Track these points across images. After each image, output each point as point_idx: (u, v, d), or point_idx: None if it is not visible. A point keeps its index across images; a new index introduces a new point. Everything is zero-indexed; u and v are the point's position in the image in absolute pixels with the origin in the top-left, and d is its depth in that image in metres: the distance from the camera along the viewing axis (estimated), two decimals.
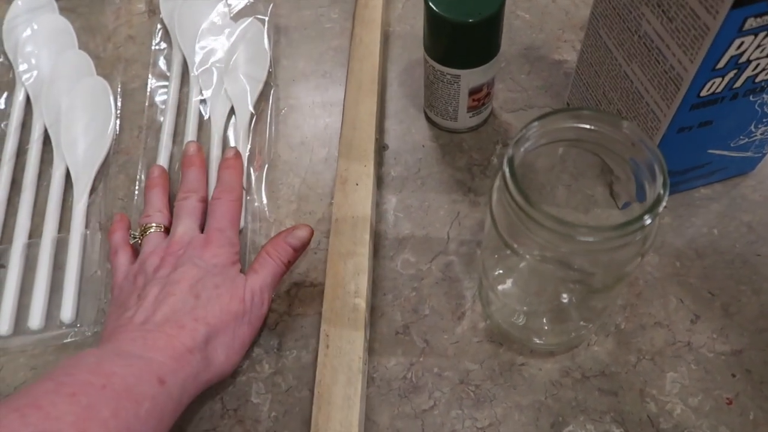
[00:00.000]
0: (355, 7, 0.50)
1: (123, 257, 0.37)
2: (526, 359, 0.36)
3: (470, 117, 0.43)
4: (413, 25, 0.51)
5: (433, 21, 0.37)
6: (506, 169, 0.27)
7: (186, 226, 0.37)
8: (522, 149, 0.28)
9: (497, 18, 0.37)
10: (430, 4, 0.37)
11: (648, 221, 0.25)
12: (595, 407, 0.34)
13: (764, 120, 0.35)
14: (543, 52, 0.49)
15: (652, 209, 0.25)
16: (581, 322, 0.34)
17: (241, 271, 0.36)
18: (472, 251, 0.40)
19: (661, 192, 0.25)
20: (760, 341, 0.36)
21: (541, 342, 0.35)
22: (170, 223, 0.39)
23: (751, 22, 0.27)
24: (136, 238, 0.38)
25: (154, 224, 0.38)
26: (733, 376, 0.35)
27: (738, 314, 0.36)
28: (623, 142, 0.28)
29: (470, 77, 0.40)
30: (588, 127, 0.28)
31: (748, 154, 0.39)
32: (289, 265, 0.37)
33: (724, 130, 0.35)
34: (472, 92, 0.41)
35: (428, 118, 0.46)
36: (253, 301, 0.35)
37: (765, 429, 0.33)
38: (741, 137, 0.37)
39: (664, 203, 0.25)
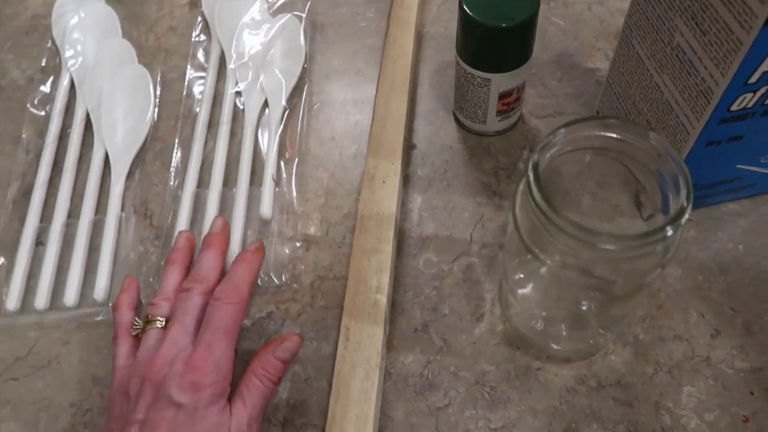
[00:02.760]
0: (390, 7, 0.51)
1: (122, 348, 0.34)
2: (543, 364, 0.36)
3: (499, 121, 0.43)
4: (447, 27, 0.52)
5: (466, 24, 0.38)
6: (531, 174, 0.27)
7: (176, 332, 0.33)
8: (548, 155, 0.28)
9: (531, 23, 0.37)
10: (465, 7, 0.37)
11: (670, 233, 0.25)
12: (609, 416, 0.34)
13: None
14: (576, 59, 0.49)
15: (674, 221, 0.25)
16: (600, 330, 0.34)
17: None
18: (494, 254, 0.40)
19: (685, 204, 0.25)
20: None
21: (559, 348, 0.36)
22: None
23: None
24: (138, 327, 0.35)
25: (158, 319, 0.34)
26: (752, 393, 0.34)
27: (760, 332, 0.36)
28: (650, 153, 0.28)
29: (501, 81, 0.40)
30: (615, 136, 0.28)
31: None
32: (279, 381, 0.34)
33: (754, 145, 0.35)
34: (502, 96, 0.41)
35: (457, 120, 0.46)
36: None
37: None
38: None
39: (686, 215, 0.25)
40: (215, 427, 0.30)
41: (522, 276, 0.37)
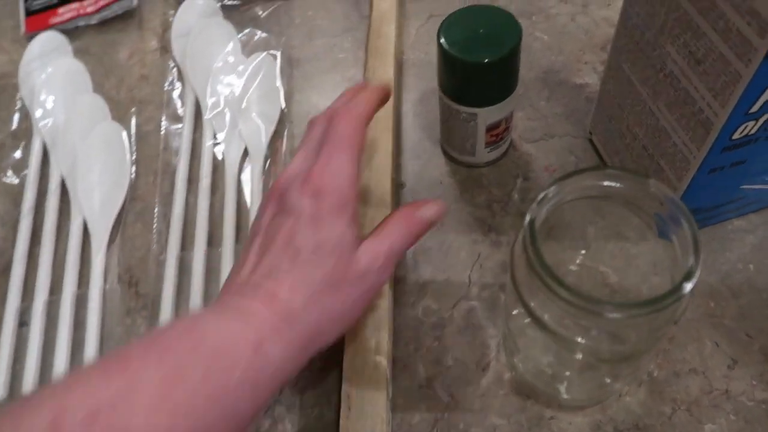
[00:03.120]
0: (368, 37, 0.49)
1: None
2: (555, 413, 0.34)
3: (489, 152, 0.42)
4: (427, 52, 0.50)
5: (447, 61, 0.36)
6: (527, 236, 0.25)
7: (302, 153, 0.32)
8: (544, 210, 0.27)
9: (514, 55, 0.36)
10: (444, 44, 0.35)
11: (683, 294, 0.23)
12: None
13: None
14: (563, 75, 0.47)
15: (676, 289, 0.23)
16: (609, 380, 0.32)
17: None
18: (494, 295, 0.38)
19: (693, 264, 0.23)
20: None
21: (568, 397, 0.34)
22: None
23: None
24: None
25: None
26: None
27: None
28: (650, 199, 0.26)
29: (487, 115, 0.38)
30: (613, 184, 0.27)
31: None
32: (417, 238, 0.31)
33: (758, 167, 0.33)
34: (490, 128, 0.40)
35: (445, 153, 0.44)
36: (368, 266, 0.29)
37: None
38: None
39: (696, 277, 0.23)
40: (338, 238, 0.29)
41: (520, 323, 0.35)
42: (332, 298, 0.28)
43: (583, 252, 0.34)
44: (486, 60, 0.35)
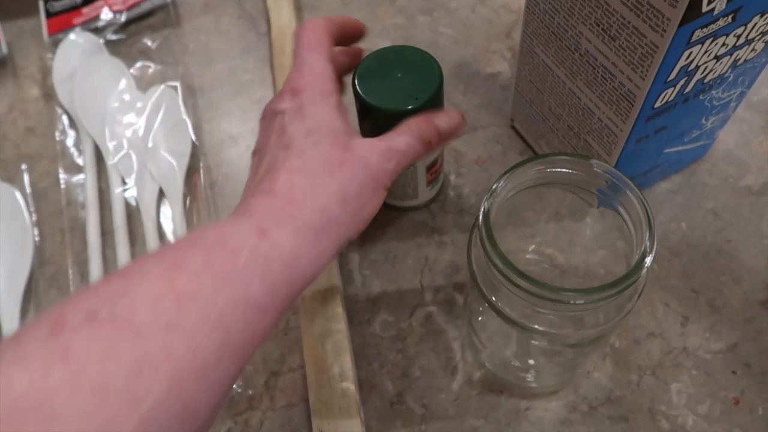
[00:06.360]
0: (271, 54, 0.47)
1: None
2: (530, 402, 0.34)
3: (429, 190, 0.40)
4: None
5: (367, 112, 0.33)
6: (484, 236, 0.25)
7: (291, 74, 0.31)
8: (495, 203, 0.26)
9: (438, 97, 0.33)
10: (362, 95, 0.32)
11: (645, 266, 0.23)
12: None
13: (713, 112, 0.35)
14: (474, 67, 0.47)
15: (638, 267, 0.23)
16: (577, 362, 0.32)
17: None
18: (449, 297, 0.38)
19: (649, 239, 0.24)
20: (751, 331, 0.35)
21: (539, 386, 0.34)
22: None
23: (698, 33, 0.26)
24: None
25: None
26: (734, 373, 0.34)
27: (725, 307, 0.36)
28: (595, 179, 0.27)
29: (425, 157, 0.35)
30: (556, 170, 0.27)
31: (701, 143, 0.39)
32: (429, 148, 0.30)
33: (678, 130, 0.35)
34: (429, 167, 0.38)
35: (385, 204, 0.40)
36: (367, 152, 0.27)
37: None
38: (694, 131, 0.36)
39: (652, 255, 0.23)
40: (328, 122, 0.28)
41: (483, 318, 0.35)
42: (335, 180, 0.26)
43: (531, 238, 0.34)
44: (410, 107, 0.32)
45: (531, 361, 0.34)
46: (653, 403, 0.34)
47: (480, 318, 0.34)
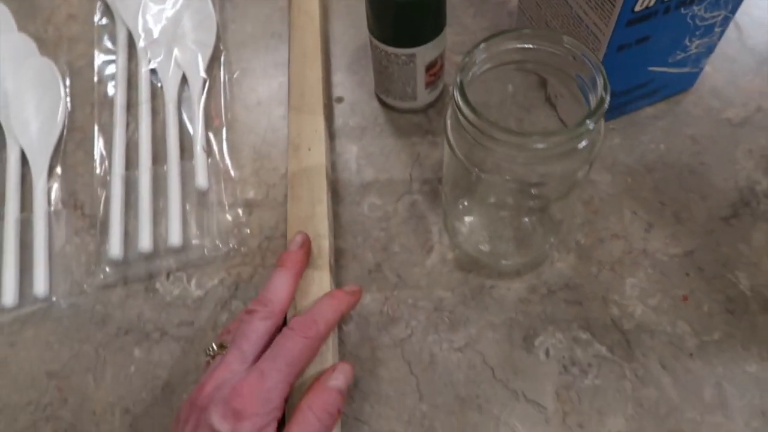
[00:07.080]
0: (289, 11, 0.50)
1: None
2: (495, 282, 0.37)
3: (428, 93, 0.43)
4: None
5: (379, 5, 0.36)
6: (457, 92, 0.28)
7: (232, 356, 0.30)
8: (470, 73, 0.29)
9: None
10: None
11: (591, 125, 0.26)
12: (562, 317, 0.36)
13: (697, 33, 0.37)
14: None
15: (595, 112, 0.26)
16: (543, 238, 0.35)
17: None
18: (435, 188, 0.41)
19: (603, 95, 0.26)
20: (710, 241, 0.38)
21: (508, 263, 0.37)
22: None
23: None
24: (210, 353, 0.32)
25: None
26: (687, 274, 0.37)
27: (689, 220, 0.39)
28: (565, 57, 0.29)
29: (425, 53, 0.39)
30: (531, 46, 0.29)
31: (687, 69, 0.41)
32: (340, 415, 0.30)
33: (661, 45, 0.37)
34: (429, 67, 0.40)
35: (384, 103, 0.45)
36: None
37: (718, 318, 0.35)
38: (678, 52, 0.38)
39: (605, 106, 0.26)
40: None
41: (466, 203, 0.38)
42: None
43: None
44: None
45: (503, 241, 0.37)
46: (608, 293, 0.37)
47: (460, 204, 0.37)
